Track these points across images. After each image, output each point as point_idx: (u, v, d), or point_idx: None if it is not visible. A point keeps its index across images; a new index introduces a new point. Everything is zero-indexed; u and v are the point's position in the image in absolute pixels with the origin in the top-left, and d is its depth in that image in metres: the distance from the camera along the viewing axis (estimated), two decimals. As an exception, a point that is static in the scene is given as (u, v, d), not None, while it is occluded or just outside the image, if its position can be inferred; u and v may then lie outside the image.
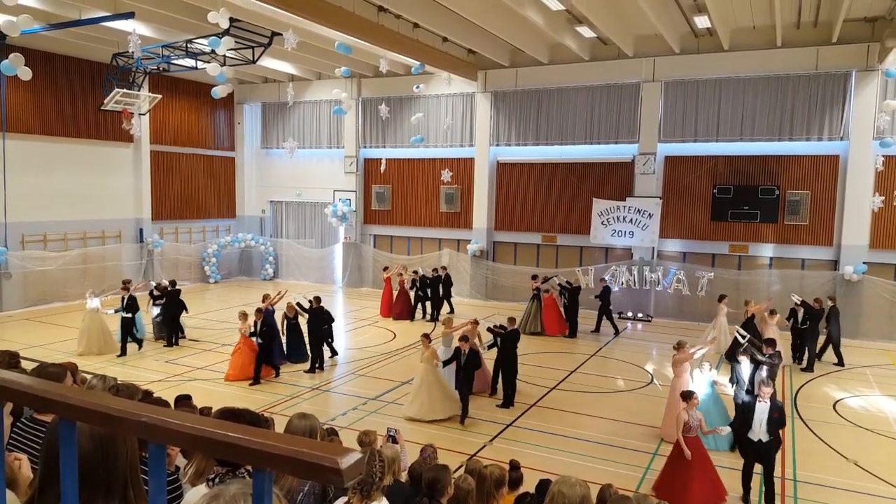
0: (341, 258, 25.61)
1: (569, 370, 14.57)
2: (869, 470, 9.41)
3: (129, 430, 1.29)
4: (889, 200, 15.63)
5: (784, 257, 19.20)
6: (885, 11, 16.47)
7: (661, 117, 20.04)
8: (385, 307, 20.14)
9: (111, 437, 1.61)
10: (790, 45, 18.01)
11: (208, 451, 1.37)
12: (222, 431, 1.13)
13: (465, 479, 5.26)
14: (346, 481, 1.05)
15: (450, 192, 23.50)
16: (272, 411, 10.92)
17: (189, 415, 1.29)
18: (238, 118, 27.59)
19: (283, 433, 4.28)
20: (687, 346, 10.58)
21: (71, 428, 1.37)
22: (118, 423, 1.25)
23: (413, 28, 18.44)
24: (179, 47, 18.24)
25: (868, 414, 12.01)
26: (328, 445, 1.09)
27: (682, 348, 10.50)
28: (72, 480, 1.37)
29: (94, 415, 1.28)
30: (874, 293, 17.77)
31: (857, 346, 17.13)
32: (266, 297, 14.51)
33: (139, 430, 1.21)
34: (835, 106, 18.08)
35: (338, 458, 1.04)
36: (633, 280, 19.73)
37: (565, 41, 18.64)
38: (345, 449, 1.08)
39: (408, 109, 23.56)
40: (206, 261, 25.70)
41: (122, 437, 1.63)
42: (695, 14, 16.98)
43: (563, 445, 10.20)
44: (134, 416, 1.21)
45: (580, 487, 3.47)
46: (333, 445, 1.08)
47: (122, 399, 1.36)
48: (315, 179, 26.18)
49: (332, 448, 1.07)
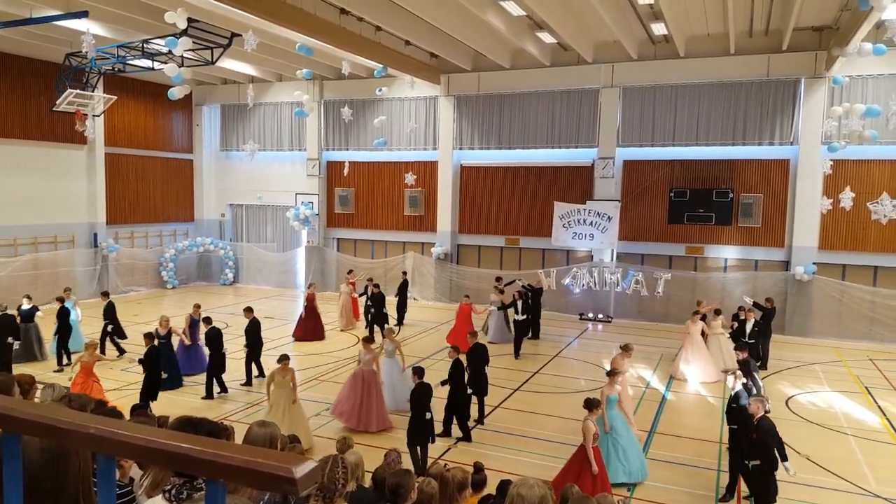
0: (304, 262, 25.34)
1: (532, 371, 14.69)
2: (820, 464, 9.72)
3: (77, 443, 1.26)
4: (837, 203, 16.17)
5: (738, 258, 19.72)
6: (831, 21, 17.08)
7: (619, 122, 20.39)
8: None
9: (62, 450, 1.56)
10: (743, 53, 18.54)
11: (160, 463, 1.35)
12: (174, 442, 1.11)
13: (429, 483, 5.26)
14: (301, 490, 1.05)
15: (414, 196, 23.48)
16: (232, 419, 10.75)
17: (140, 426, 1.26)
18: (196, 120, 27.10)
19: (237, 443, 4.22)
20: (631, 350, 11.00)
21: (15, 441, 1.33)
22: (65, 436, 1.22)
23: (375, 31, 18.39)
24: (135, 47, 17.84)
25: (819, 410, 12.40)
26: (283, 455, 1.08)
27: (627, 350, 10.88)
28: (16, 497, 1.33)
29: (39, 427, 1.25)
30: (824, 293, 18.38)
31: (808, 344, 17.70)
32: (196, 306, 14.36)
33: (87, 443, 1.18)
34: (785, 112, 18.66)
35: (292, 467, 1.03)
36: (594, 282, 20.02)
37: (526, 46, 18.82)
38: (299, 458, 1.07)
39: (371, 112, 23.48)
40: (164, 266, 25.15)
41: (74, 450, 1.59)
42: (652, 21, 17.34)
43: (526, 446, 10.28)
44: (81, 428, 1.18)
45: (539, 488, 3.50)
46: (288, 455, 1.07)
47: (70, 410, 1.33)
48: (276, 182, 25.87)
49: (287, 457, 1.06)
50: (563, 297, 20.51)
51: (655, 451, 10.25)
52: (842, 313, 18.26)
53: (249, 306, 14.16)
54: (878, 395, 13.23)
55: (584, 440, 7.93)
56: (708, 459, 9.93)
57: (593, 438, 7.92)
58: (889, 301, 17.80)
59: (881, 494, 8.79)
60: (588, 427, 7.94)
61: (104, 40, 17.78)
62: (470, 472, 5.83)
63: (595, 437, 7.97)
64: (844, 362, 15.97)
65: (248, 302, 16.23)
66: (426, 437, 9.17)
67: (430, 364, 14.03)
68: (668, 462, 9.79)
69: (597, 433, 8.05)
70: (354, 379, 11.04)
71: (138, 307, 21.33)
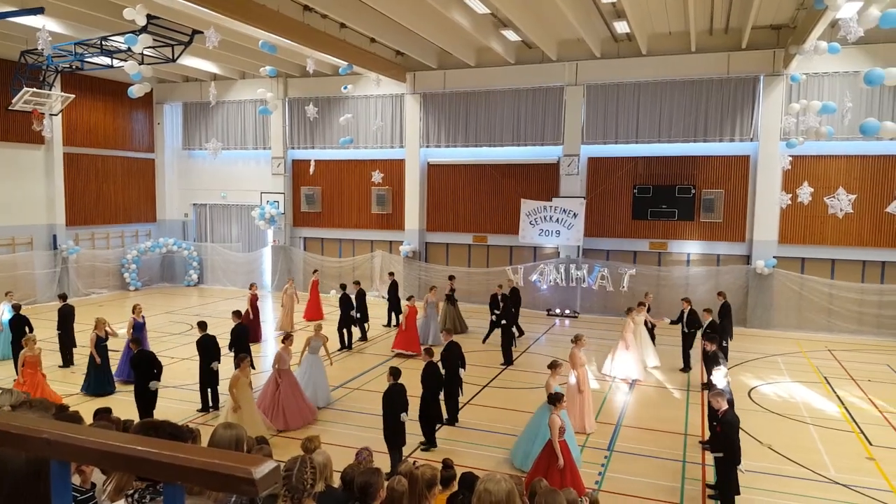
0: (270, 262, 25.06)
1: (500, 367, 14.77)
2: (781, 453, 9.98)
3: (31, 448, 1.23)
4: (795, 198, 16.59)
5: (701, 253, 20.11)
6: (788, 20, 17.51)
7: (583, 120, 20.61)
8: (311, 311, 19.68)
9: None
10: (703, 51, 18.89)
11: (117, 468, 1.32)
12: (130, 446, 1.10)
13: (399, 481, 5.26)
14: (260, 491, 1.04)
15: (381, 194, 23.40)
16: (197, 422, 10.59)
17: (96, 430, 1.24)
18: (158, 118, 26.59)
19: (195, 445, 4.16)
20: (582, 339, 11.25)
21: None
22: (18, 442, 1.19)
23: (340, 28, 18.26)
24: (94, 45, 17.43)
25: (780, 400, 12.72)
26: (242, 456, 1.07)
27: (579, 341, 11.09)
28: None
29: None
30: (783, 285, 18.86)
31: (770, 336, 18.15)
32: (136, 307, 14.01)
33: (41, 448, 1.15)
34: (745, 109, 19.08)
35: (251, 468, 1.02)
36: (561, 278, 20.22)
37: (491, 44, 18.89)
38: (259, 459, 1.06)
39: (336, 110, 23.32)
40: (126, 267, 24.63)
41: None
42: (614, 19, 17.55)
43: (496, 442, 10.33)
44: (34, 434, 1.15)
45: (505, 483, 3.53)
46: (247, 456, 1.06)
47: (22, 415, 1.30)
48: (241, 181, 25.54)
49: (246, 458, 1.05)
50: (530, 293, 20.66)
51: (622, 443, 10.41)
52: (801, 306, 18.76)
53: (238, 310, 13.85)
54: (836, 385, 13.64)
55: (551, 434, 7.99)
56: (674, 451, 10.11)
57: (560, 432, 7.96)
58: (846, 293, 18.34)
59: (839, 480, 9.06)
60: (553, 421, 8.00)
61: (61, 37, 17.32)
62: (439, 470, 5.84)
63: (561, 431, 8.01)
64: (804, 353, 16.41)
65: (214, 304, 15.96)
66: (401, 441, 9.06)
67: (401, 363, 14.01)
68: (634, 454, 9.94)
69: (562, 427, 8.09)
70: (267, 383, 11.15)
71: (100, 310, 20.83)
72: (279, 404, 10.77)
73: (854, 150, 18.05)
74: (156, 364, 10.69)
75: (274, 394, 10.84)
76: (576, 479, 7.96)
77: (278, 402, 10.78)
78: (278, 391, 10.82)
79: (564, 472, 7.85)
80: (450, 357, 11.17)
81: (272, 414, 10.71)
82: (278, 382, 10.87)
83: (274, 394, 10.84)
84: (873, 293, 18.14)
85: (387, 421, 9.04)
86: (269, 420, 10.59)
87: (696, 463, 9.70)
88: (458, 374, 11.16)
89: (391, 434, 9.00)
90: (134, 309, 13.95)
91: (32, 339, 11.36)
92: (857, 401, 12.61)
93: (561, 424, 8.04)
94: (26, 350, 11.08)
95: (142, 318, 13.79)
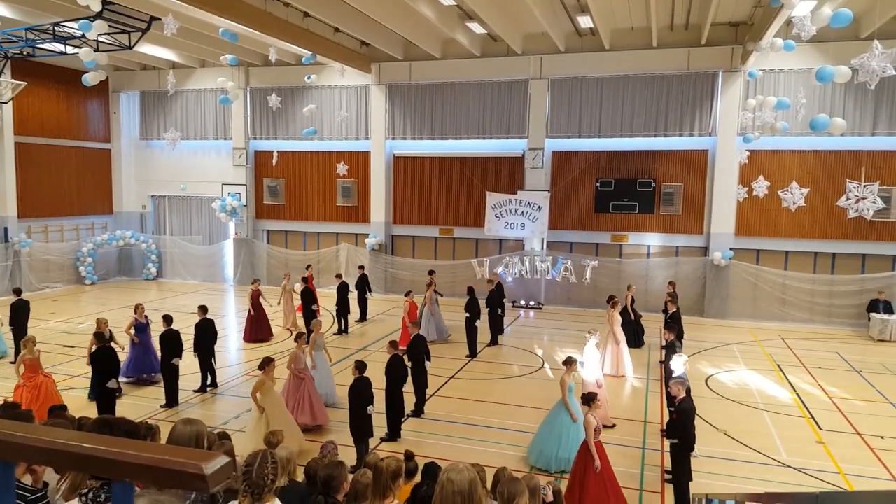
0: (232, 255, 24.67)
1: (465, 359, 14.84)
2: (737, 438, 10.28)
3: (-27, 449, 1.19)
4: (751, 191, 17.00)
5: (661, 245, 20.49)
6: (746, 17, 17.89)
7: (548, 113, 20.75)
8: None
9: None
10: (664, 46, 19.18)
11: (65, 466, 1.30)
12: (77, 443, 1.08)
13: (364, 474, 5.26)
14: (211, 486, 1.04)
15: (346, 186, 23.21)
16: (157, 419, 10.42)
17: (42, 428, 1.22)
18: (114, 107, 25.89)
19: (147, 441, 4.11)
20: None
21: None
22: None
23: (303, 17, 18.01)
24: (46, 30, 16.87)
25: (736, 387, 13.08)
26: (192, 452, 1.06)
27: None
28: None
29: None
30: (740, 277, 19.35)
31: (726, 326, 18.62)
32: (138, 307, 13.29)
33: (-17, 448, 1.13)
34: (704, 104, 19.45)
35: (202, 463, 1.02)
36: (525, 270, 20.40)
37: (457, 37, 18.86)
38: (210, 454, 1.05)
39: (300, 100, 23.03)
40: (81, 261, 23.98)
41: None
42: (578, 14, 17.69)
43: (462, 433, 10.41)
44: (-24, 434, 1.12)
45: (468, 472, 3.55)
46: (198, 451, 1.05)
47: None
48: (201, 172, 25.06)
49: (197, 454, 1.04)
50: (495, 285, 20.75)
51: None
52: (756, 296, 19.28)
53: (204, 305, 13.21)
54: (788, 372, 14.08)
55: (587, 435, 7.77)
56: (633, 438, 10.33)
57: (595, 433, 7.71)
58: (799, 283, 18.92)
59: (791, 464, 9.38)
60: (589, 422, 7.75)
61: (11, 22, 16.71)
62: (403, 461, 5.86)
63: (597, 432, 7.74)
64: (759, 342, 16.88)
65: (174, 298, 15.66)
66: (368, 433, 9.04)
67: (366, 356, 13.97)
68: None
69: (598, 428, 7.78)
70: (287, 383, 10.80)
71: (55, 305, 20.31)
72: (305, 399, 10.46)
73: (807, 145, 18.59)
74: (115, 362, 10.47)
75: (298, 389, 10.50)
76: (612, 481, 7.76)
77: (305, 397, 10.46)
78: (303, 385, 10.53)
79: (602, 474, 7.61)
80: (415, 350, 11.20)
81: (299, 410, 10.34)
82: (301, 378, 10.57)
83: (298, 389, 10.50)
84: (824, 283, 18.75)
85: (353, 414, 9.03)
86: (298, 416, 10.19)
87: (654, 449, 9.93)
88: (424, 366, 11.20)
89: (357, 427, 9.00)
90: (136, 309, 13.20)
91: (32, 341, 10.77)
92: (808, 387, 13.05)
93: (597, 425, 7.75)
94: (25, 352, 10.54)
95: (144, 319, 13.03)
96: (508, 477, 5.16)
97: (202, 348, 12.49)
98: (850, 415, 11.46)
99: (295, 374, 10.59)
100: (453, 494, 3.50)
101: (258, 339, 16.26)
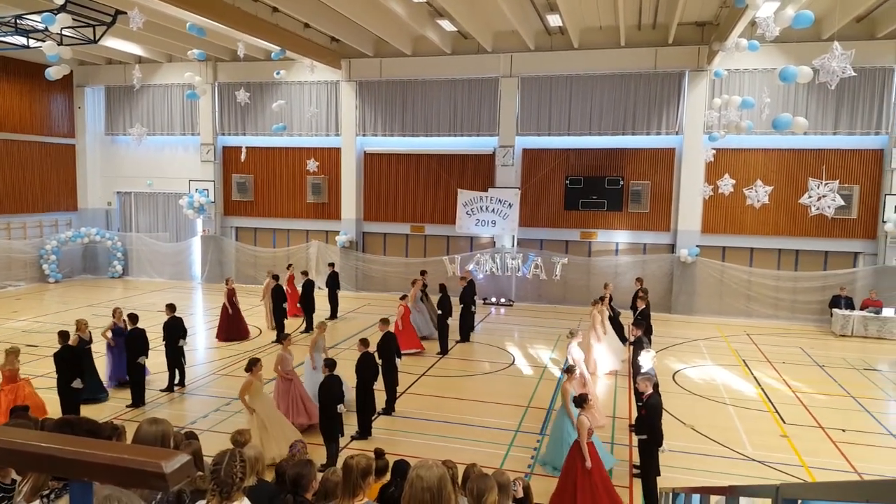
0: (200, 252, 24.31)
1: (437, 356, 14.86)
2: (703, 432, 10.48)
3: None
4: (717, 189, 17.31)
5: (629, 242, 20.76)
6: (712, 17, 18.20)
7: (518, 111, 20.86)
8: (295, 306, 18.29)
9: None
10: (632, 46, 19.42)
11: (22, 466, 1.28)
12: (35, 443, 1.06)
13: (334, 472, 5.25)
14: (171, 485, 1.03)
15: (316, 183, 23.04)
16: (123, 419, 10.25)
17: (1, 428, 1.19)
18: (78, 102, 25.32)
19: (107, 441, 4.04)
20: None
21: None
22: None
23: (272, 12, 17.81)
24: (7, 23, 16.43)
25: (703, 382, 13.32)
26: (152, 450, 1.06)
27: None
28: None
29: None
30: (706, 273, 19.71)
31: (693, 322, 18.95)
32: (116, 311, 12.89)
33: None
34: (671, 103, 19.74)
35: (162, 462, 1.01)
36: (496, 267, 20.51)
37: (427, 34, 18.83)
38: (170, 452, 1.05)
39: (269, 96, 22.78)
40: (45, 259, 23.42)
41: None
42: (548, 12, 17.80)
43: (433, 430, 10.43)
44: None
45: (437, 469, 3.56)
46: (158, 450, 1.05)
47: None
48: (168, 168, 24.65)
49: (156, 453, 1.04)
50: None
51: (555, 428, 10.67)
52: (722, 292, 19.65)
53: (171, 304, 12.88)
54: (753, 367, 14.38)
55: (579, 435, 7.85)
56: (603, 434, 10.44)
57: (588, 433, 7.82)
58: (763, 280, 19.33)
59: (755, 458, 9.59)
60: (582, 422, 7.85)
61: (-33, 13, 16.23)
62: (373, 459, 5.85)
63: (590, 433, 7.85)
64: (724, 337, 17.22)
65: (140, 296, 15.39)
66: (338, 432, 9.00)
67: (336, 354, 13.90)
68: (566, 438, 10.22)
69: (591, 429, 7.91)
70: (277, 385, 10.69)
71: (17, 303, 19.82)
72: (297, 399, 10.34)
73: (771, 143, 18.99)
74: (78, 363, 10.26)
75: (289, 391, 10.38)
76: (605, 481, 7.83)
77: (297, 398, 10.35)
78: (292, 385, 10.41)
79: (593, 472, 7.68)
80: (386, 348, 11.18)
81: (294, 411, 10.22)
82: (290, 379, 10.44)
83: (289, 391, 10.38)
84: (788, 280, 19.19)
85: (323, 412, 8.98)
86: (294, 417, 10.09)
87: (623, 445, 10.07)
88: (395, 364, 11.20)
89: (327, 426, 8.96)
90: (114, 313, 12.81)
91: (14, 353, 10.35)
92: (773, 382, 13.35)
93: (590, 426, 7.88)
94: (5, 363, 10.18)
95: (123, 323, 12.58)
96: (478, 473, 5.20)
97: (170, 347, 12.29)
98: (812, 408, 11.75)
99: (283, 376, 10.48)
100: (422, 491, 3.51)
101: (232, 337, 16.04)
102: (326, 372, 9.16)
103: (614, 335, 14.90)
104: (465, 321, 16.37)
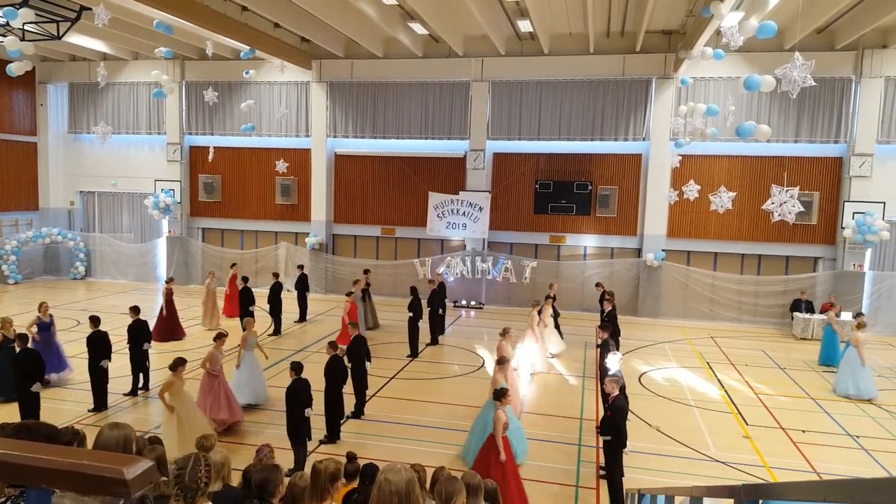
0: (165, 254, 23.88)
1: (407, 359, 14.83)
2: (669, 434, 10.64)
3: None
4: (682, 195, 17.63)
5: (596, 246, 21.01)
6: (679, 26, 18.53)
7: (489, 115, 20.97)
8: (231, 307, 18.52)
9: None
10: (601, 52, 19.67)
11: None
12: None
13: (302, 477, 5.21)
14: (133, 492, 1.02)
15: (286, 184, 22.82)
16: (85, 423, 10.01)
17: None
18: (41, 99, 24.70)
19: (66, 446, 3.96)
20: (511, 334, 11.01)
21: None
22: None
23: (242, 11, 17.61)
24: (-36, 16, 15.90)
25: (668, 384, 13.53)
26: (113, 456, 1.04)
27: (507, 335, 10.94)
28: None
29: None
30: (671, 277, 20.04)
31: (658, 325, 19.24)
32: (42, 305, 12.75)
33: None
34: (638, 109, 20.04)
35: (123, 468, 1.00)
36: (467, 270, 20.58)
37: (399, 36, 18.82)
38: (132, 458, 1.04)
39: (238, 96, 22.52)
40: (4, 259, 22.76)
41: None
42: (518, 18, 17.93)
43: (402, 433, 10.40)
44: None
45: (405, 472, 3.56)
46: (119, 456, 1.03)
47: None
48: (133, 168, 24.20)
49: (117, 458, 1.02)
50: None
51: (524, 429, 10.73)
52: (687, 295, 20.00)
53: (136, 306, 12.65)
54: (717, 370, 14.66)
55: (495, 429, 7.98)
56: (570, 435, 10.55)
57: (503, 427, 7.98)
58: (727, 284, 19.73)
59: (719, 458, 9.78)
60: (499, 416, 8.00)
61: (-77, 5, 15.69)
62: (342, 463, 5.82)
63: (505, 427, 8.01)
64: (689, 340, 17.53)
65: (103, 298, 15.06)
66: (306, 436, 8.94)
67: (305, 357, 13.79)
68: (532, 439, 10.27)
69: (507, 422, 8.09)
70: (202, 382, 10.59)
71: (-28, 305, 19.20)
72: (222, 395, 10.23)
73: (735, 150, 19.40)
74: (40, 364, 10.00)
75: (212, 387, 10.26)
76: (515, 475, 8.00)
77: (221, 394, 10.24)
78: (218, 382, 10.30)
79: (506, 466, 7.83)
80: (355, 351, 11.12)
81: (216, 406, 10.12)
82: (216, 375, 10.32)
83: (212, 387, 10.26)
84: (751, 284, 19.62)
85: (290, 416, 8.90)
86: (211, 414, 9.96)
87: (590, 446, 10.18)
88: (365, 367, 11.14)
89: (294, 429, 8.88)
90: (40, 307, 12.64)
91: None
92: (736, 384, 13.63)
93: (505, 420, 8.04)
94: None
95: (48, 318, 12.53)
96: (447, 476, 5.20)
97: (135, 350, 12.06)
98: (774, 410, 12.02)
99: (210, 373, 10.41)
100: (390, 494, 3.50)
101: (168, 338, 15.85)
102: (293, 376, 9.09)
103: (553, 331, 15.52)
104: (434, 324, 16.38)
